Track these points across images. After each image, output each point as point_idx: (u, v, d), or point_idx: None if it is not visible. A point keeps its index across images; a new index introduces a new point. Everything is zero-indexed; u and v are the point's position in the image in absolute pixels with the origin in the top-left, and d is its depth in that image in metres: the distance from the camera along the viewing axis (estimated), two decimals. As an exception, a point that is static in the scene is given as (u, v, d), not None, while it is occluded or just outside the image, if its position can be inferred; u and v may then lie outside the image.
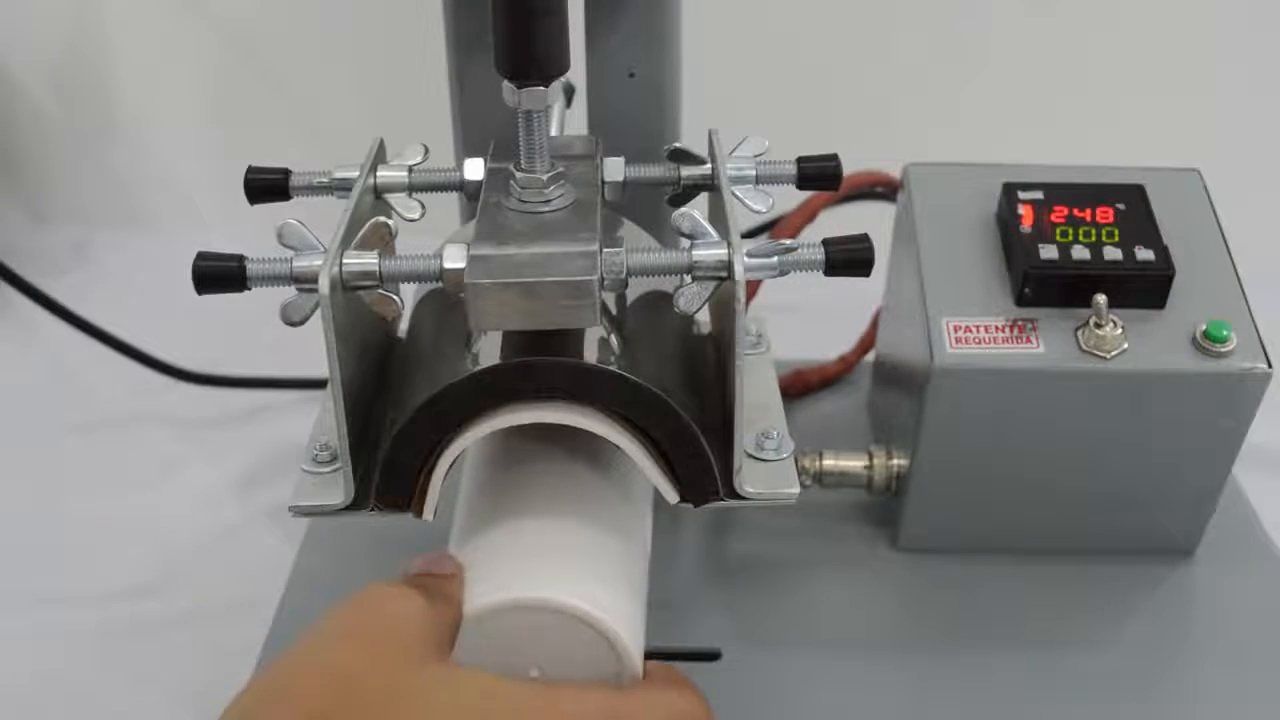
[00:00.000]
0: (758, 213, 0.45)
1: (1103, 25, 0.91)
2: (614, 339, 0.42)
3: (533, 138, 0.41)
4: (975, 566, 0.58)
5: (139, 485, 0.73)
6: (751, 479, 0.42)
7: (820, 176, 0.46)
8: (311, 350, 0.40)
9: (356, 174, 0.45)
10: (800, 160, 0.46)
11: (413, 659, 0.35)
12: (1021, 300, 0.53)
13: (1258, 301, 0.53)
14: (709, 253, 0.39)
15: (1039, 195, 0.55)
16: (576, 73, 0.45)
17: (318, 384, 0.55)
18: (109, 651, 0.63)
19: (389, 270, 0.39)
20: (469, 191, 0.46)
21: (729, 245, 0.39)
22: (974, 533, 0.58)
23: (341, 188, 0.45)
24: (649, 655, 0.40)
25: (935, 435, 0.54)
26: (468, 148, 0.54)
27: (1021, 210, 0.54)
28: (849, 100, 0.92)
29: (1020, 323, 0.53)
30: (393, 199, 0.46)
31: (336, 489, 0.41)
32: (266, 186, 0.46)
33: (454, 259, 0.38)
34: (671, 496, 0.41)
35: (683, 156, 0.47)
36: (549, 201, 0.41)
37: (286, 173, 0.46)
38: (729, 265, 0.39)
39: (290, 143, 0.95)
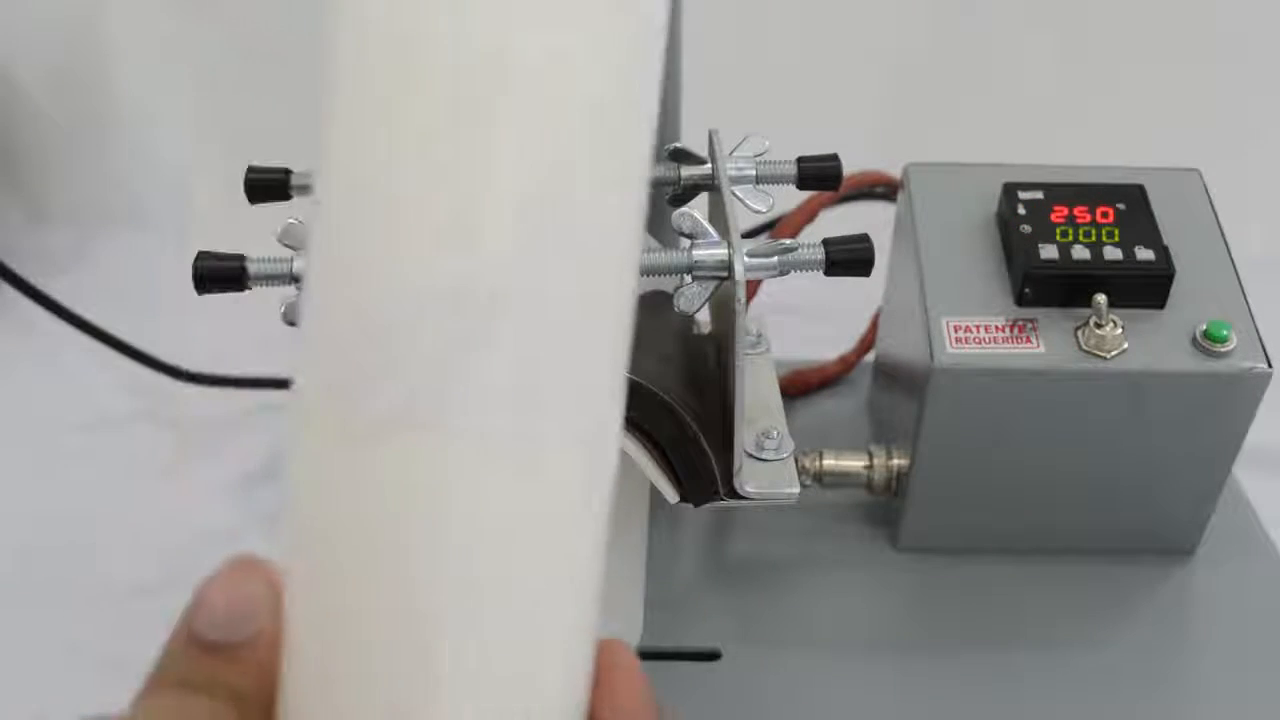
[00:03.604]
0: (758, 212, 0.45)
1: (1103, 25, 0.91)
2: (614, 339, 0.42)
3: (533, 137, 0.40)
4: (975, 566, 0.58)
5: (139, 485, 0.73)
6: (751, 478, 0.42)
7: (820, 176, 0.46)
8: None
9: (357, 174, 0.45)
10: (800, 160, 0.46)
11: None
12: (1021, 300, 0.53)
13: (1258, 301, 0.53)
14: (709, 252, 0.39)
15: (1039, 195, 0.55)
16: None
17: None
18: (109, 651, 0.63)
19: (389, 270, 0.39)
20: (469, 191, 0.46)
21: (729, 245, 0.39)
22: (974, 533, 0.58)
23: (342, 187, 0.45)
24: (649, 655, 0.40)
25: (935, 435, 0.54)
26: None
27: (1021, 210, 0.54)
28: (849, 100, 0.92)
29: (1020, 323, 0.53)
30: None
31: (337, 489, 0.41)
32: (267, 186, 0.46)
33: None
34: (671, 496, 0.41)
35: (683, 156, 0.47)
36: (549, 201, 0.41)
37: (287, 172, 0.46)
38: (729, 265, 0.39)
39: (290, 143, 0.95)
